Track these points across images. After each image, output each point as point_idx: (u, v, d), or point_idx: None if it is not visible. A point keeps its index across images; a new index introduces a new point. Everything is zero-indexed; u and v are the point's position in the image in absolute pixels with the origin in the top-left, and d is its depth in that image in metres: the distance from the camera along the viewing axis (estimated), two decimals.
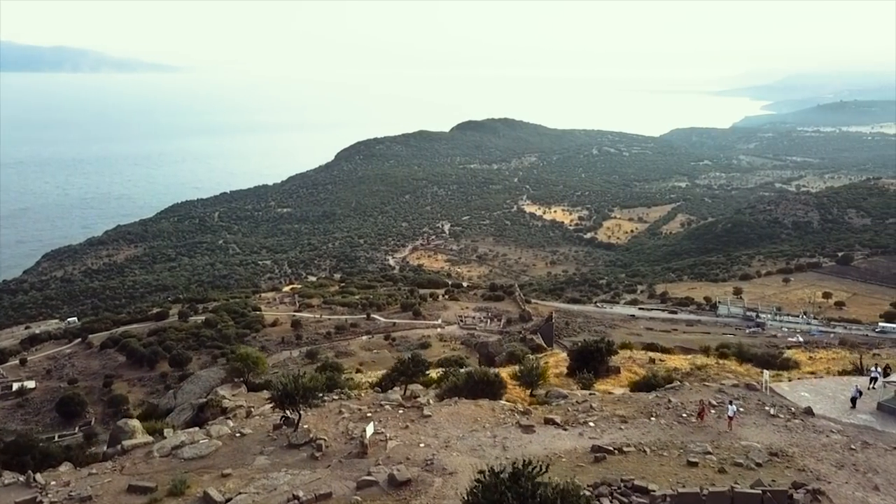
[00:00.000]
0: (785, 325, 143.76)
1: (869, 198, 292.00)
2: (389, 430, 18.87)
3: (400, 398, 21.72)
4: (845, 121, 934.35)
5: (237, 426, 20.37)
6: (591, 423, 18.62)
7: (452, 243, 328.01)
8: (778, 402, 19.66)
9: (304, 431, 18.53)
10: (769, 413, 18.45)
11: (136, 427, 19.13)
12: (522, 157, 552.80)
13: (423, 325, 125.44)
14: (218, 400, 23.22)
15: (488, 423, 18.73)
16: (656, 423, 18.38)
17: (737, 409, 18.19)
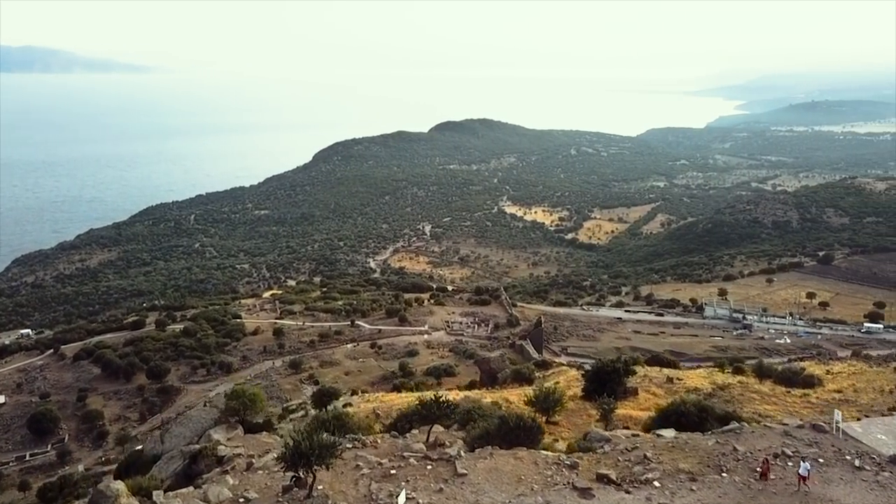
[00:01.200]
0: (772, 326, 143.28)
1: (846, 197, 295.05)
2: (420, 494, 16.16)
3: (424, 447, 19.12)
4: (817, 120, 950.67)
5: (238, 486, 17.62)
6: (656, 483, 16.20)
7: (434, 245, 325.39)
8: (856, 449, 17.43)
9: (321, 496, 15.93)
10: (853, 465, 16.27)
11: (121, 491, 16.36)
12: (502, 157, 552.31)
13: (410, 331, 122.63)
14: (212, 447, 20.45)
15: (536, 485, 16.27)
16: (730, 482, 15.92)
17: (810, 467, 15.78)
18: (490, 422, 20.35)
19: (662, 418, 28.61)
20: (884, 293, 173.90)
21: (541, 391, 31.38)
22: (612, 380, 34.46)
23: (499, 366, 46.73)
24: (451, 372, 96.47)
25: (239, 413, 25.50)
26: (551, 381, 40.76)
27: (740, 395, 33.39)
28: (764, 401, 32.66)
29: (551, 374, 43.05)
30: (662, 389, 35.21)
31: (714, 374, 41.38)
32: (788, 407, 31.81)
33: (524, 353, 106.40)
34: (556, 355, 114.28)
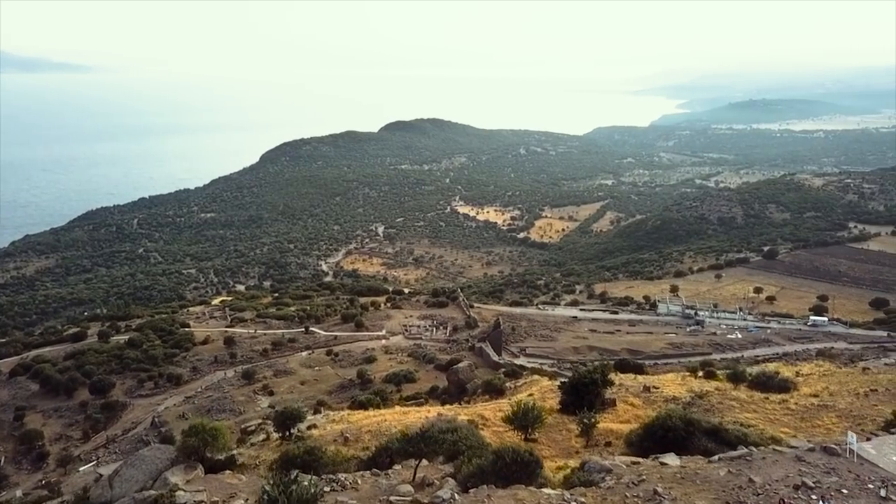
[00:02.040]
0: (723, 321, 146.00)
1: (787, 193, 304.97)
2: None
3: (411, 488, 17.30)
4: (755, 118, 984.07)
5: None
6: None
7: (387, 246, 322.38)
8: (875, 475, 16.43)
9: None
10: (879, 495, 15.25)
11: None
12: (452, 157, 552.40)
13: (367, 336, 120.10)
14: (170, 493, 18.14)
15: None
16: None
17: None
18: (483, 456, 18.67)
19: (648, 433, 27.47)
20: (826, 286, 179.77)
21: (519, 407, 29.79)
22: (590, 392, 33.22)
23: (467, 376, 45.12)
24: (411, 378, 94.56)
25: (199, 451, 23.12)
26: (524, 392, 39.40)
27: (719, 404, 32.63)
28: (744, 408, 31.98)
29: (523, 385, 41.67)
30: (640, 399, 34.21)
31: (688, 379, 40.70)
32: (769, 415, 31.19)
33: (484, 355, 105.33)
34: (514, 356, 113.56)
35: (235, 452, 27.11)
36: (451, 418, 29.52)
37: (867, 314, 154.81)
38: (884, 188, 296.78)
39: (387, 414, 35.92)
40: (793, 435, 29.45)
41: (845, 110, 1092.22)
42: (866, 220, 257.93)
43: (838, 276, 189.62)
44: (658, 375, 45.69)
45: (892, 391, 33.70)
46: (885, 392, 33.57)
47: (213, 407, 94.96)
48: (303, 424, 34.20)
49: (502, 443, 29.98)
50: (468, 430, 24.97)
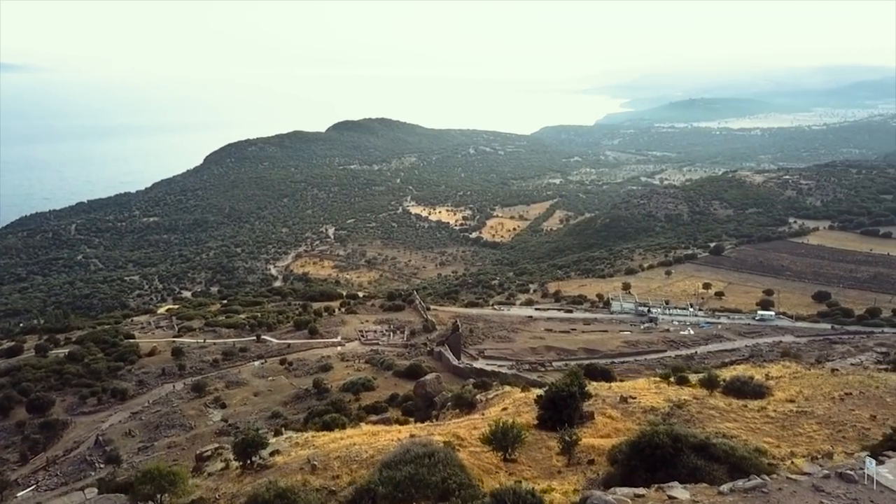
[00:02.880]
0: (675, 318, 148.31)
1: (729, 189, 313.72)
2: None
3: None
4: (695, 117, 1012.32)
5: None
6: None
7: (339, 248, 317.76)
8: None
9: None
10: None
11: None
12: (402, 157, 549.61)
13: (321, 344, 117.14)
14: None
15: None
16: None
17: None
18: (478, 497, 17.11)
19: (635, 451, 26.32)
20: (770, 280, 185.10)
21: (497, 427, 28.35)
22: (569, 405, 32.02)
23: (435, 388, 43.49)
24: (369, 386, 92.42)
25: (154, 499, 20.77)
26: (496, 405, 38.02)
27: (699, 413, 31.93)
28: (724, 418, 31.34)
29: (495, 398, 40.26)
30: (618, 411, 33.24)
31: (662, 386, 40.05)
32: (749, 423, 30.65)
33: (443, 359, 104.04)
34: (473, 359, 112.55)
35: (195, 499, 24.68)
36: (426, 441, 27.85)
37: (811, 307, 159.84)
38: (820, 184, 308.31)
39: (355, 436, 33.97)
40: (776, 445, 28.92)
41: (779, 108, 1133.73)
42: (805, 216, 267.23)
43: (782, 271, 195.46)
44: (629, 382, 44.97)
45: (866, 394, 33.65)
46: (860, 396, 33.48)
47: (161, 422, 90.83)
48: (265, 451, 31.97)
49: (480, 464, 28.56)
50: (447, 455, 23.43)
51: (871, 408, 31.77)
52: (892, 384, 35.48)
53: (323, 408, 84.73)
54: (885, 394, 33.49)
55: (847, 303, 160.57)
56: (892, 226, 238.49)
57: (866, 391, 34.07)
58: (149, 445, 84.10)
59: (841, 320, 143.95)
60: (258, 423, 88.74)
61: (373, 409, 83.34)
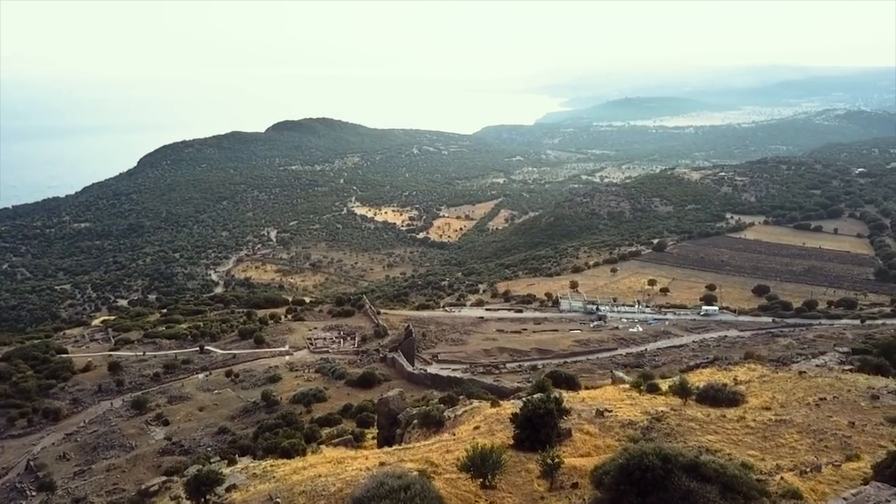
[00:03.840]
0: (623, 315, 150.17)
1: (669, 187, 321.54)
2: None
3: None
4: (632, 115, 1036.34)
5: None
6: None
7: (282, 251, 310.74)
8: None
9: None
10: None
11: None
12: (345, 157, 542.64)
13: (268, 353, 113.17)
14: None
15: None
16: None
17: None
18: None
19: (624, 474, 24.90)
20: (712, 275, 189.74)
21: (475, 452, 26.59)
22: (547, 424, 30.50)
23: (399, 405, 41.38)
24: (321, 397, 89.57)
25: None
26: (467, 423, 36.24)
27: (678, 426, 30.97)
28: (704, 430, 30.48)
29: (464, 414, 38.47)
30: (595, 426, 31.97)
31: (633, 395, 39.09)
32: (731, 435, 29.88)
33: (397, 366, 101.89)
34: (427, 364, 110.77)
35: None
36: (400, 473, 25.82)
37: (752, 301, 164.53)
38: (754, 180, 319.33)
39: (319, 464, 31.62)
40: (760, 458, 28.17)
41: (710, 107, 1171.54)
42: (741, 211, 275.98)
43: (722, 266, 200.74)
44: (597, 390, 43.93)
45: (840, 399, 33.40)
46: (834, 401, 33.19)
47: (99, 444, 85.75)
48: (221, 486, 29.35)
49: (458, 493, 26.72)
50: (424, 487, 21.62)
51: (848, 413, 31.46)
52: (861, 387, 35.43)
53: (273, 421, 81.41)
54: (858, 398, 33.31)
55: (785, 295, 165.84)
56: (821, 220, 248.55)
57: (840, 395, 33.82)
58: (86, 469, 79.12)
59: (781, 313, 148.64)
60: (205, 440, 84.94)
61: (326, 422, 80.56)
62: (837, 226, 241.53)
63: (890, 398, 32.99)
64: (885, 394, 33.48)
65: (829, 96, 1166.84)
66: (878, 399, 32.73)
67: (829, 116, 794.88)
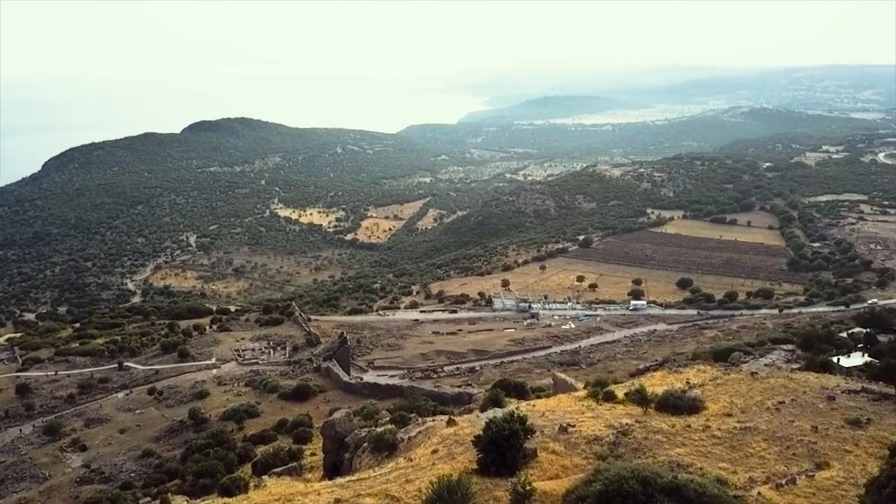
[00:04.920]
0: (555, 312, 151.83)
1: (591, 184, 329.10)
2: None
3: None
4: (552, 114, 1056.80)
5: None
6: None
7: (202, 257, 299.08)
8: None
9: None
10: None
11: None
12: (266, 157, 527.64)
13: (194, 367, 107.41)
14: None
15: None
16: None
17: None
18: None
19: (603, 501, 23.54)
20: (637, 270, 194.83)
21: (441, 486, 24.71)
22: (512, 446, 28.88)
23: (346, 427, 38.88)
24: (253, 412, 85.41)
25: None
26: (423, 446, 34.16)
27: (645, 440, 30.08)
28: (672, 442, 29.70)
29: (418, 435, 36.38)
30: (560, 443, 30.63)
31: (590, 404, 38.11)
32: (698, 447, 29.22)
33: (332, 375, 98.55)
34: (363, 371, 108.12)
35: None
36: None
37: (676, 294, 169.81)
38: (671, 176, 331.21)
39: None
40: (732, 471, 27.53)
41: (625, 105, 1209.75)
42: (661, 206, 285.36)
43: (646, 260, 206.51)
44: (551, 400, 42.75)
45: (798, 402, 33.42)
46: (793, 404, 33.17)
47: (7, 475, 78.73)
48: None
49: None
50: None
51: (809, 417, 31.39)
52: (815, 386, 35.68)
53: (203, 441, 76.83)
54: (815, 399, 33.40)
55: (706, 288, 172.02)
56: (735, 213, 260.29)
57: (797, 398, 33.84)
58: None
59: (705, 305, 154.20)
60: (128, 465, 79.25)
61: (260, 439, 76.68)
62: (750, 218, 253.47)
63: (845, 398, 33.23)
64: (839, 394, 33.72)
65: (734, 94, 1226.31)
66: (835, 400, 32.88)
67: (735, 113, 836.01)
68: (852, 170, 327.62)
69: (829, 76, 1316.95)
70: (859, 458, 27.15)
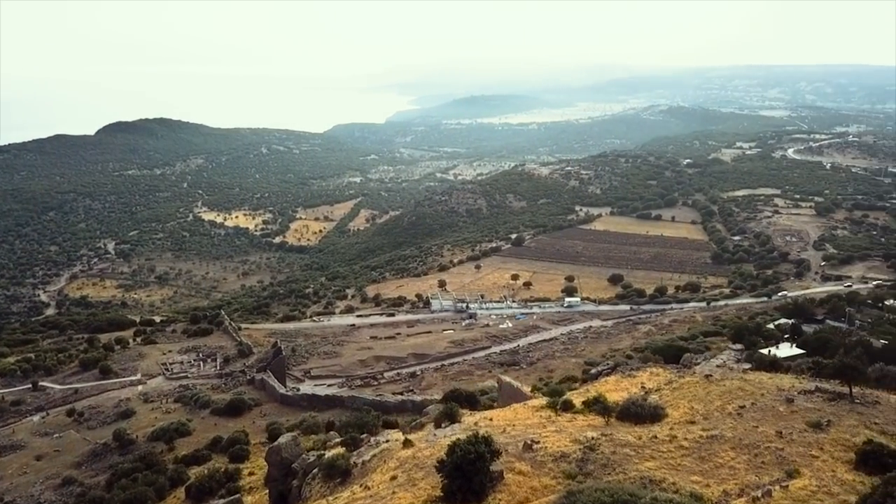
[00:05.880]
0: (492, 311, 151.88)
1: (521, 182, 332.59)
2: None
3: None
4: (479, 113, 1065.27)
5: None
6: None
7: (122, 265, 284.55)
8: None
9: None
10: None
11: None
12: (188, 159, 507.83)
13: (118, 384, 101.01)
14: None
15: None
16: None
17: None
18: None
19: None
20: (569, 267, 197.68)
21: None
22: (479, 470, 27.37)
23: (293, 452, 36.33)
24: (184, 431, 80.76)
25: None
26: (381, 472, 32.13)
27: (613, 454, 29.14)
28: (640, 455, 28.88)
29: (373, 458, 34.25)
30: (526, 463, 29.31)
31: (550, 416, 37.07)
32: (668, 459, 28.52)
33: (267, 388, 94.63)
34: (299, 381, 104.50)
35: None
36: None
37: (609, 290, 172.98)
38: (598, 173, 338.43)
39: None
40: (706, 484, 26.93)
41: (549, 104, 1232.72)
42: (589, 203, 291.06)
43: (577, 257, 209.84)
44: (506, 411, 41.44)
45: (758, 405, 33.29)
46: (753, 408, 32.99)
47: None
48: None
49: None
50: None
51: (771, 421, 31.22)
52: (771, 388, 35.70)
53: (130, 465, 71.96)
54: (774, 402, 33.33)
55: (637, 283, 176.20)
56: (660, 209, 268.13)
57: (756, 401, 33.71)
58: None
59: (636, 301, 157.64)
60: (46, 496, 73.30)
61: (193, 460, 72.42)
62: (674, 214, 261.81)
63: (803, 400, 33.28)
64: (797, 395, 33.76)
65: (652, 93, 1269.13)
66: (794, 402, 32.87)
67: (654, 112, 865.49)
68: (765, 165, 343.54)
69: (738, 76, 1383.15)
70: (827, 464, 26.94)
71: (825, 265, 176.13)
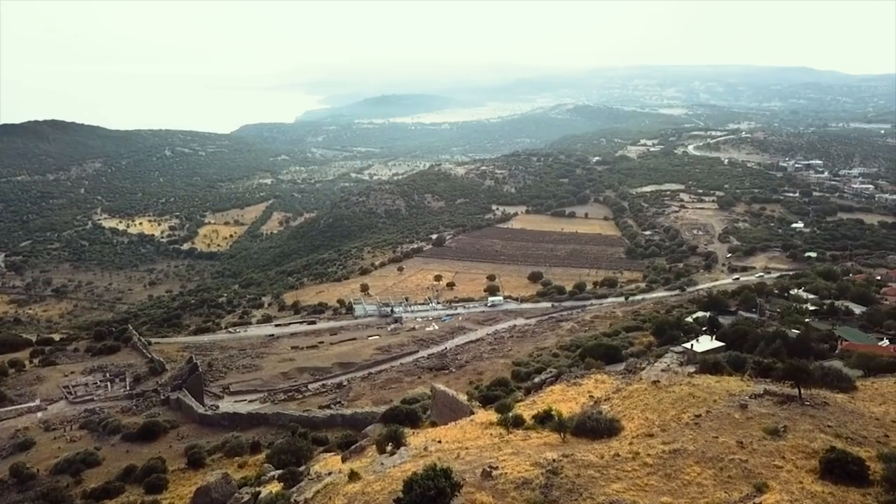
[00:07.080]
0: (417, 314, 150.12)
1: (438, 182, 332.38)
2: None
3: None
4: (391, 112, 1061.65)
5: None
6: None
7: (14, 278, 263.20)
8: None
9: None
10: None
11: None
12: (84, 163, 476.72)
13: (13, 412, 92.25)
14: None
15: None
16: None
17: None
18: None
19: None
20: (490, 266, 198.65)
21: None
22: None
23: (224, 492, 33.05)
24: (92, 461, 74.30)
25: None
26: None
27: (577, 477, 27.88)
28: (606, 477, 27.74)
29: (316, 497, 31.49)
30: (487, 493, 27.63)
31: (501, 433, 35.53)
32: (634, 480, 27.52)
33: (184, 407, 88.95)
34: (218, 398, 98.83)
35: None
36: None
37: (529, 287, 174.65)
38: (512, 173, 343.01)
39: None
40: None
41: (460, 104, 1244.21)
42: (505, 202, 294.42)
43: (497, 256, 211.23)
44: (454, 429, 39.58)
45: (714, 413, 32.92)
46: (709, 416, 32.57)
47: None
48: None
49: None
50: None
51: (729, 430, 30.83)
52: (721, 393, 35.56)
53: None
54: (728, 409, 33.05)
55: (556, 280, 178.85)
56: (573, 206, 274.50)
57: (711, 409, 33.34)
58: None
59: (557, 297, 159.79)
60: None
61: (104, 493, 66.47)
62: (587, 210, 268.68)
63: (755, 405, 33.16)
64: (749, 400, 33.63)
65: (557, 92, 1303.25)
66: (747, 408, 32.68)
67: (561, 111, 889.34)
68: (669, 161, 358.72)
69: (637, 75, 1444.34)
70: (793, 475, 26.60)
71: (731, 257, 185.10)
